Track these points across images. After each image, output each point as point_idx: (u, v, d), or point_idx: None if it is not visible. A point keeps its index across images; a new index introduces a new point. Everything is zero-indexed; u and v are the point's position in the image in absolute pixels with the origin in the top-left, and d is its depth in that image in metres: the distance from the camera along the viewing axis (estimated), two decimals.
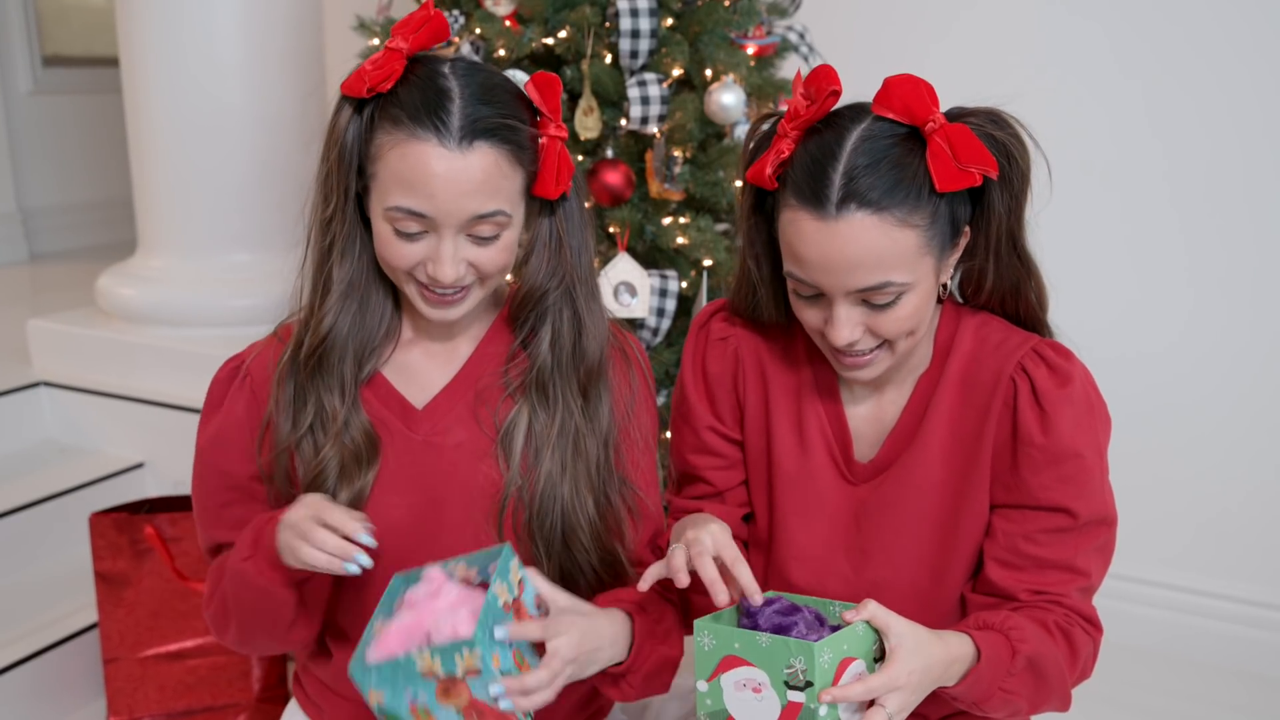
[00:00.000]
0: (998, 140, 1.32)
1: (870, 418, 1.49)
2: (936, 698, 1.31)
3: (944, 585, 1.45)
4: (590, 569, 1.49)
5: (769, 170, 1.34)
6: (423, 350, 1.52)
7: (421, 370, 1.51)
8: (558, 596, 1.34)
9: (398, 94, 1.35)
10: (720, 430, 1.55)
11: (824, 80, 1.30)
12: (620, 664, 1.38)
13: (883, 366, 1.39)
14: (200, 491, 1.53)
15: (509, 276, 1.55)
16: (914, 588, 1.45)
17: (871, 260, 1.27)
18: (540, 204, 1.45)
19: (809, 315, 1.37)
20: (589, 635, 1.32)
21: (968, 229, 1.37)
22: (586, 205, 1.52)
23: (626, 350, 1.56)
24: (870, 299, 1.31)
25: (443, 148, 1.32)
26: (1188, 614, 2.92)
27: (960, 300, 1.49)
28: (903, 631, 1.23)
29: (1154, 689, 2.79)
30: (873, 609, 1.22)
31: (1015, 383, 1.39)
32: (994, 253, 1.38)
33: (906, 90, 1.28)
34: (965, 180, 1.27)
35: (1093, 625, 1.43)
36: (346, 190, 1.41)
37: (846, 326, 1.32)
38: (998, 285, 1.42)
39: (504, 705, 1.22)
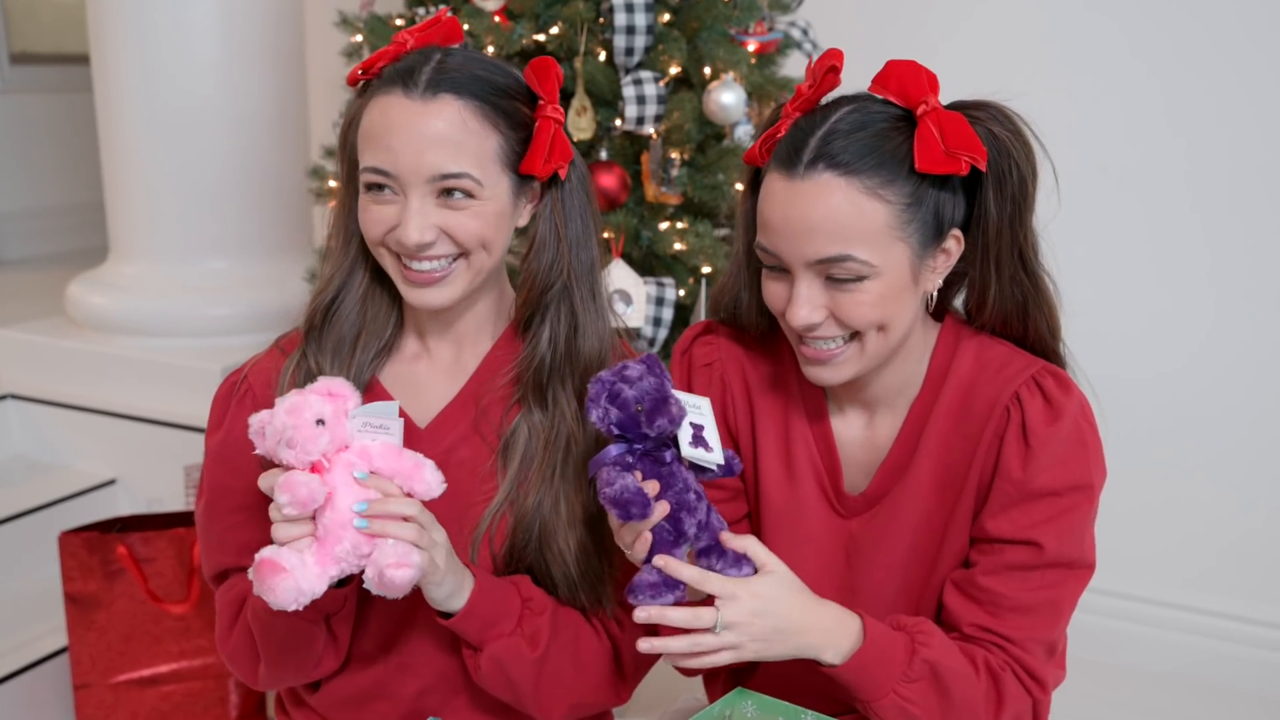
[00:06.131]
0: (997, 137, 1.32)
1: (862, 444, 1.48)
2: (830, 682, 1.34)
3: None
4: (566, 580, 1.47)
5: (759, 147, 1.38)
6: (428, 365, 1.52)
7: (426, 385, 1.51)
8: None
9: (382, 70, 1.40)
10: None
11: (825, 59, 1.34)
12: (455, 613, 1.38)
13: (851, 368, 1.36)
14: (206, 515, 1.50)
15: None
16: None
17: (832, 226, 1.27)
18: (539, 191, 1.46)
19: (774, 293, 1.37)
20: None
21: (958, 234, 1.36)
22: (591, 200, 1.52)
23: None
24: (830, 274, 1.30)
25: (406, 98, 1.34)
26: (1210, 638, 2.92)
27: (965, 318, 1.48)
28: (775, 567, 1.29)
29: (1175, 716, 2.79)
30: (753, 543, 1.29)
31: (1009, 413, 1.38)
32: (994, 263, 1.37)
33: (905, 73, 1.31)
34: (949, 165, 1.27)
35: (1036, 682, 1.39)
36: (343, 179, 1.45)
37: (805, 305, 1.31)
38: (1001, 303, 1.40)
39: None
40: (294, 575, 1.22)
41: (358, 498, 1.26)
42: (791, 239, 1.29)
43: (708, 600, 1.27)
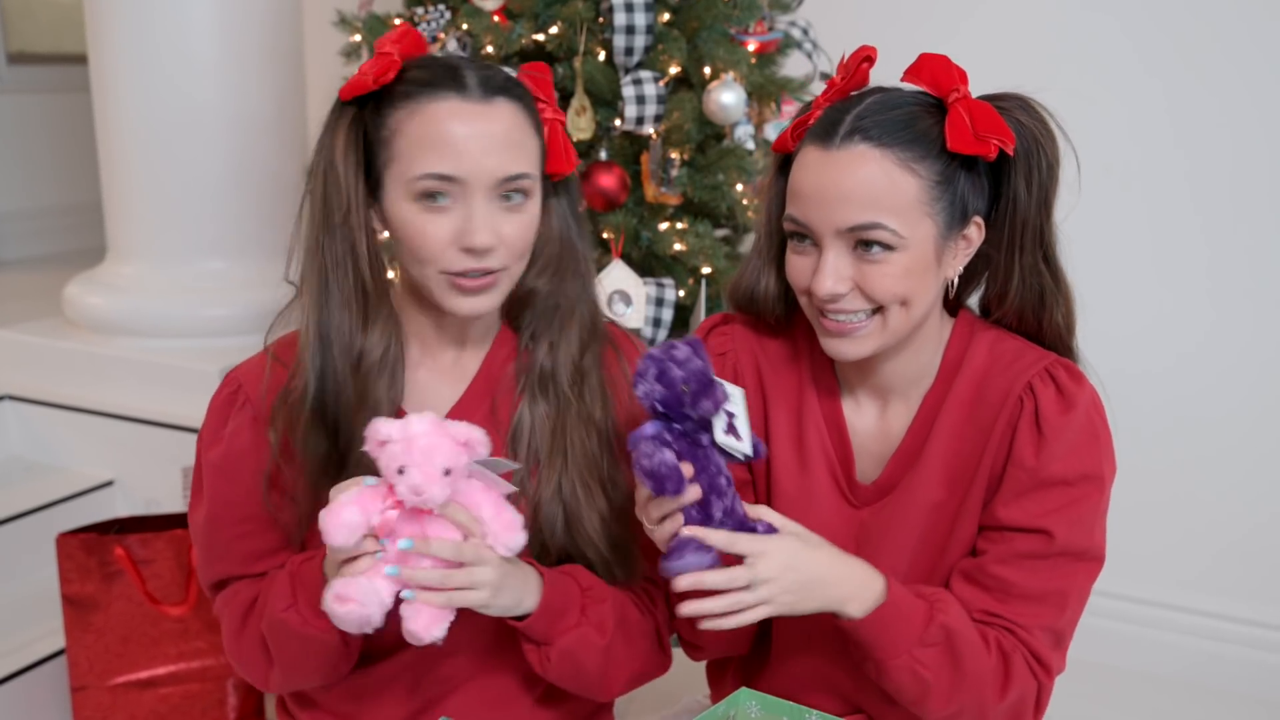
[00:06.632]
0: (1024, 125, 1.37)
1: (874, 434, 1.50)
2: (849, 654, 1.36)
3: None
4: (600, 560, 1.49)
5: (790, 133, 1.42)
6: (428, 371, 1.51)
7: (429, 392, 1.50)
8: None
9: (404, 78, 1.38)
10: None
11: (859, 52, 1.39)
12: (527, 615, 1.39)
13: (872, 343, 1.38)
14: (206, 524, 1.49)
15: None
16: None
17: (865, 194, 1.31)
18: (543, 192, 1.47)
19: (799, 267, 1.39)
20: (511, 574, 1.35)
21: (980, 221, 1.39)
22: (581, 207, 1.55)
23: (621, 348, 1.58)
24: (861, 239, 1.32)
25: (465, 102, 1.35)
26: (1209, 639, 2.93)
27: (982, 314, 1.51)
28: (794, 528, 1.34)
29: (1173, 718, 2.79)
30: (766, 510, 1.34)
31: (1022, 403, 1.41)
32: (1018, 250, 1.40)
33: (937, 65, 1.36)
34: (979, 147, 1.31)
35: (1042, 667, 1.40)
36: (349, 197, 1.39)
37: (832, 275, 1.34)
38: (1021, 293, 1.43)
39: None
40: (367, 607, 1.25)
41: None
42: (824, 207, 1.32)
43: (736, 563, 1.31)
